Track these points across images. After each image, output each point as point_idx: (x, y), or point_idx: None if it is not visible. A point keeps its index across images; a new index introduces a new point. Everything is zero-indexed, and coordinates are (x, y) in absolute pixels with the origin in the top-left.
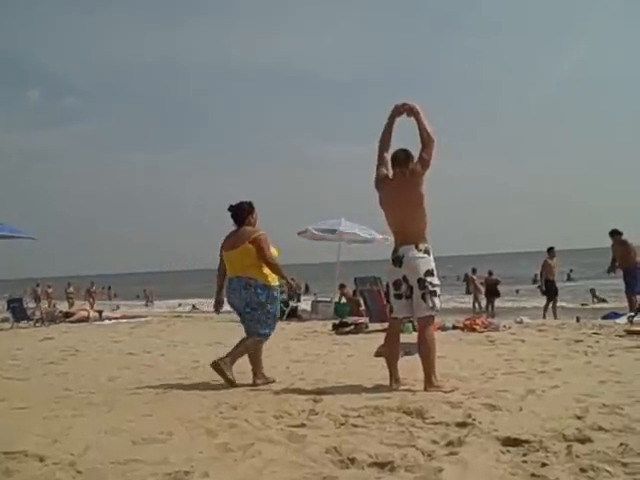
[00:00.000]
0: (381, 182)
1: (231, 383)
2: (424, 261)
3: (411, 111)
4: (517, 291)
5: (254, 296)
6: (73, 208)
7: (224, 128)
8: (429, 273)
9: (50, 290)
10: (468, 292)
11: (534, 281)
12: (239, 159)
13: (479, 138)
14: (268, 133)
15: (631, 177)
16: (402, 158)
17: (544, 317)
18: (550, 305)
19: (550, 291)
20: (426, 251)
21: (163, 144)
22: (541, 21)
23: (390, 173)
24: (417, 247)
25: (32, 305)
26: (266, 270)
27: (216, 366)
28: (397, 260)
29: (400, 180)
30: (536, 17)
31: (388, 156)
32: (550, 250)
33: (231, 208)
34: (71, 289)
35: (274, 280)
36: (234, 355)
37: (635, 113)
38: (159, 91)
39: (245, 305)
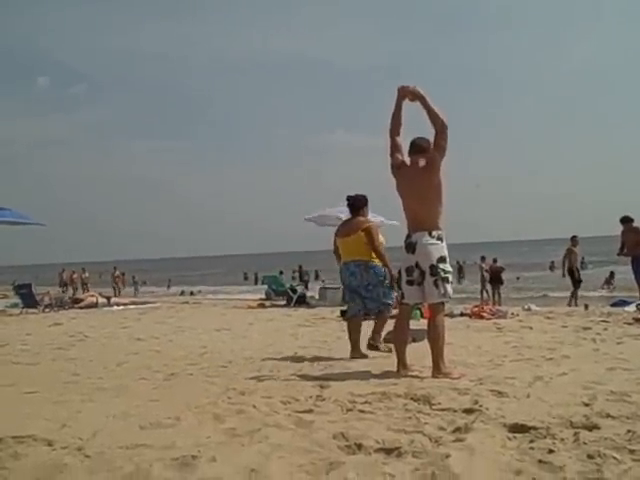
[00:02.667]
0: (398, 169)
1: (389, 350)
2: (437, 247)
3: (414, 95)
4: (517, 278)
5: (374, 276)
6: (74, 195)
7: (226, 119)
8: (442, 260)
9: (75, 276)
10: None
11: (551, 268)
12: (242, 149)
13: (481, 136)
14: (271, 124)
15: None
16: (420, 146)
17: (570, 305)
18: (573, 292)
19: (577, 278)
20: (439, 238)
21: (166, 134)
22: (545, 19)
23: (406, 159)
24: (430, 234)
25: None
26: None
27: (370, 346)
28: (410, 246)
29: (417, 167)
30: (540, 14)
31: (400, 140)
32: (573, 238)
33: (349, 198)
34: (86, 274)
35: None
36: (377, 330)
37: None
38: (164, 81)
39: (367, 284)
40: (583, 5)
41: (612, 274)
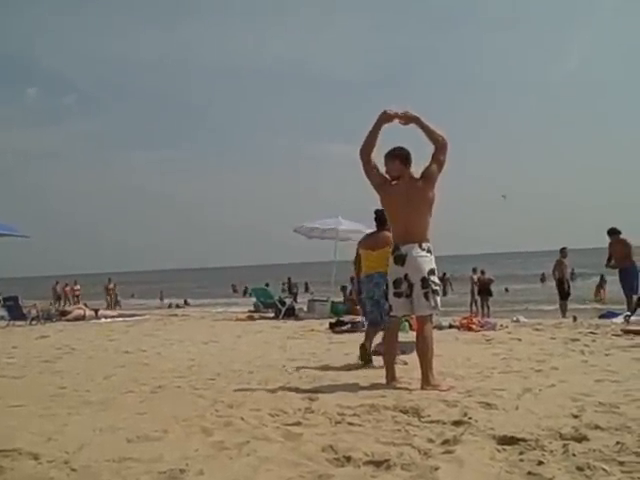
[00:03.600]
0: (383, 184)
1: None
2: (427, 260)
3: (408, 119)
4: (506, 290)
5: None
6: (69, 207)
7: (224, 127)
8: (432, 272)
9: (67, 288)
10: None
11: (542, 280)
12: (239, 158)
13: (480, 139)
14: (268, 132)
15: (633, 178)
16: (396, 152)
17: (564, 317)
18: (562, 304)
19: (567, 290)
20: (429, 250)
21: (162, 143)
22: (542, 20)
23: (383, 170)
24: (420, 246)
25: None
26: None
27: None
28: (399, 258)
29: (411, 181)
30: (537, 16)
31: (372, 159)
32: (563, 250)
33: (377, 212)
34: (78, 287)
35: None
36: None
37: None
38: (160, 90)
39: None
40: (580, 5)
41: (602, 277)
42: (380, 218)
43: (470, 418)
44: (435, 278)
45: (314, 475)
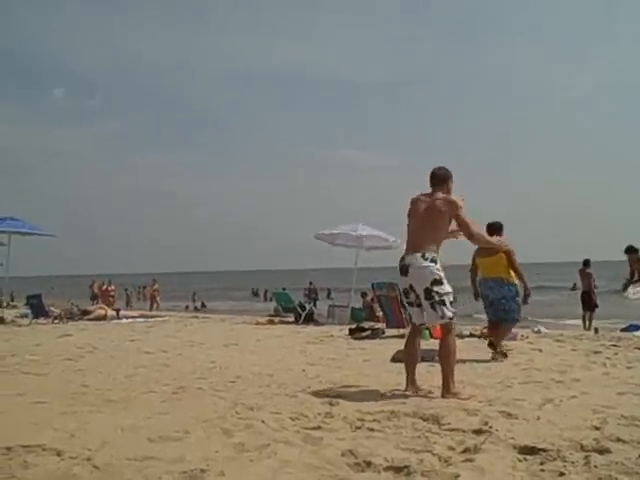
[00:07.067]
0: (416, 198)
1: (504, 355)
2: (429, 270)
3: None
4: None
5: (507, 291)
6: (86, 208)
7: (239, 132)
8: (436, 282)
9: (104, 288)
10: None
11: (573, 288)
12: (256, 163)
13: (494, 145)
14: (287, 138)
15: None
16: (440, 177)
17: (585, 328)
18: (587, 316)
19: (592, 302)
20: (432, 260)
21: (178, 146)
22: (563, 35)
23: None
24: (423, 256)
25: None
26: (511, 272)
27: (491, 344)
28: (403, 268)
29: (432, 201)
30: (558, 30)
31: None
32: (587, 262)
33: (489, 224)
34: (112, 287)
35: (515, 279)
36: (500, 338)
37: None
38: (177, 94)
39: (501, 297)
40: (602, 20)
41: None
42: (491, 229)
43: (491, 427)
44: (441, 287)
45: (334, 479)
